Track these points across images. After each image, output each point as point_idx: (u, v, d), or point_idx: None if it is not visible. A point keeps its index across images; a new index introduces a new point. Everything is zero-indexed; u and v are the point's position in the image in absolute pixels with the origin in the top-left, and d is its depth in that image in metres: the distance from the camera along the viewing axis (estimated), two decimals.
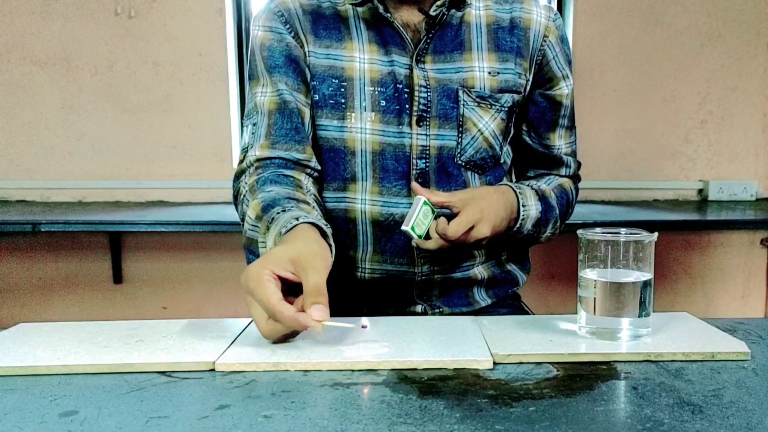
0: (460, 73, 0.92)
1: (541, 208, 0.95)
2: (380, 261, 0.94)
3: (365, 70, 0.91)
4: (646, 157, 2.44)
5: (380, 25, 0.92)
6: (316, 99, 0.93)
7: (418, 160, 0.92)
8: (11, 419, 0.50)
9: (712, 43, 2.39)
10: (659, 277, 2.46)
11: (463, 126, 0.93)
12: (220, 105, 2.31)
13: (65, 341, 0.68)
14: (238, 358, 0.62)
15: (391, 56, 0.92)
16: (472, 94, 0.92)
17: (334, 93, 0.92)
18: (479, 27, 0.95)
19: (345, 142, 0.92)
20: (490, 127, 0.94)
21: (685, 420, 0.49)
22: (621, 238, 0.66)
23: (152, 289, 2.32)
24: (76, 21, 2.26)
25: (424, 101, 0.91)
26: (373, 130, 0.91)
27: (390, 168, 0.92)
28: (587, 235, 0.68)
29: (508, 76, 0.94)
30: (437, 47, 0.93)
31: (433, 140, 0.92)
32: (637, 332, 0.67)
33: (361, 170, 0.92)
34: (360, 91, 0.91)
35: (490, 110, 0.94)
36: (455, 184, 0.94)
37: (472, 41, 0.94)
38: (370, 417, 0.50)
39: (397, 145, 0.92)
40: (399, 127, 0.91)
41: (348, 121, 0.92)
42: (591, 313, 0.67)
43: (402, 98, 0.91)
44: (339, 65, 0.92)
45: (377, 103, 0.91)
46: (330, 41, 0.92)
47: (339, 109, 0.92)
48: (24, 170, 2.32)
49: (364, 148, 0.92)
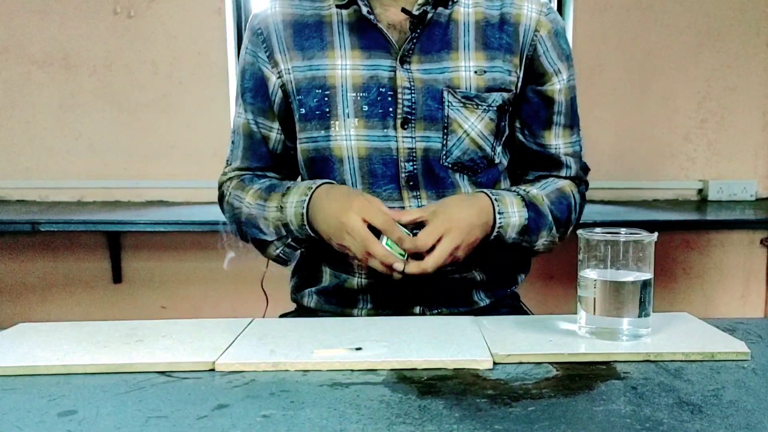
0: (445, 74, 0.91)
1: (526, 215, 0.90)
2: None
3: (347, 76, 0.91)
4: (646, 157, 2.44)
5: (365, 28, 0.91)
6: (303, 112, 0.93)
7: (405, 163, 0.91)
8: (10, 419, 0.50)
9: (711, 42, 2.39)
10: (659, 277, 2.44)
11: (449, 127, 0.91)
12: (219, 104, 2.31)
13: (64, 341, 0.68)
14: (237, 358, 0.62)
15: (374, 59, 0.91)
16: (458, 95, 0.91)
17: (319, 104, 0.92)
18: (467, 25, 0.93)
19: (332, 150, 0.92)
20: (477, 127, 0.92)
21: (684, 420, 0.49)
22: (621, 238, 0.66)
23: (151, 288, 2.31)
24: (74, 20, 2.26)
25: (408, 103, 0.90)
26: (358, 135, 0.91)
27: (379, 173, 0.92)
28: (587, 235, 0.68)
29: (496, 74, 0.92)
30: (424, 47, 0.91)
31: (419, 142, 0.91)
32: (637, 332, 0.67)
33: (350, 177, 0.92)
34: (342, 98, 0.91)
35: (477, 110, 0.92)
36: (444, 187, 0.93)
37: (459, 40, 0.92)
38: (369, 417, 0.50)
39: (384, 149, 0.91)
40: (384, 130, 0.91)
41: (333, 129, 0.92)
42: (591, 313, 0.67)
43: (386, 102, 0.90)
44: (321, 74, 0.92)
45: (360, 109, 0.91)
46: (313, 51, 0.92)
47: (324, 119, 0.92)
48: (23, 170, 2.32)
49: (350, 155, 0.92)
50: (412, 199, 0.92)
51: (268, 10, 0.96)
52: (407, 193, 0.92)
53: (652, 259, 0.67)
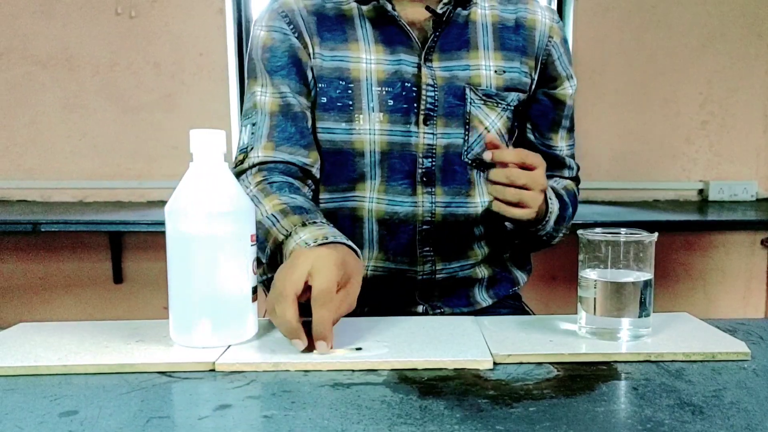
0: (467, 71, 0.93)
1: (559, 204, 0.94)
2: (383, 259, 0.94)
3: (372, 70, 0.91)
4: (647, 158, 2.44)
5: (386, 23, 0.92)
6: (323, 102, 0.92)
7: (424, 159, 0.92)
8: (11, 419, 0.50)
9: (713, 43, 2.39)
10: (660, 277, 2.45)
11: (470, 124, 0.93)
12: (221, 105, 2.32)
13: (65, 341, 0.68)
14: (238, 358, 0.62)
15: (398, 55, 0.91)
16: (479, 92, 0.93)
17: (341, 95, 0.91)
18: (485, 26, 0.95)
19: (353, 144, 0.92)
20: (497, 125, 0.94)
21: (685, 421, 0.49)
22: (621, 239, 0.66)
23: (153, 289, 2.32)
24: (77, 21, 2.26)
25: (431, 100, 0.91)
26: (382, 130, 0.91)
27: (396, 167, 0.92)
28: (587, 235, 0.68)
29: (513, 74, 0.95)
30: (444, 45, 0.93)
31: (439, 139, 0.92)
32: (637, 332, 0.67)
33: (369, 170, 0.92)
34: (367, 92, 0.91)
35: (497, 108, 0.94)
36: (460, 183, 0.94)
37: (478, 40, 0.94)
38: (371, 417, 0.50)
39: (404, 144, 0.92)
40: (406, 126, 0.91)
41: (356, 123, 0.91)
42: (591, 313, 0.67)
43: (409, 97, 0.91)
44: (345, 67, 0.91)
45: (384, 103, 0.91)
46: (335, 43, 0.92)
47: (346, 111, 0.91)
48: (25, 170, 2.32)
49: (373, 148, 0.92)
50: (425, 194, 0.93)
51: None
52: (421, 189, 0.93)
53: (653, 260, 0.67)
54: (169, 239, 0.65)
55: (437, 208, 0.93)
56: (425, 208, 0.93)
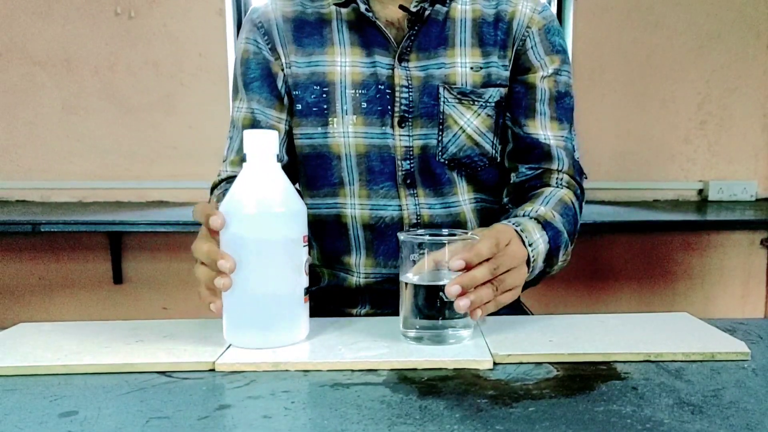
0: (442, 69, 0.91)
1: (548, 237, 0.81)
2: (374, 265, 0.94)
3: (346, 73, 0.91)
4: (646, 158, 2.44)
5: (364, 25, 0.92)
6: (300, 108, 0.93)
7: (402, 161, 0.92)
8: (11, 419, 0.50)
9: (711, 43, 2.39)
10: (659, 277, 2.46)
11: (444, 123, 0.91)
12: (220, 105, 2.32)
13: (65, 341, 0.68)
14: (238, 358, 0.62)
15: (374, 57, 0.91)
16: (453, 91, 0.91)
17: (317, 100, 0.92)
18: (464, 22, 0.93)
19: (329, 147, 0.92)
20: (473, 123, 0.92)
21: (684, 420, 0.49)
22: (442, 240, 0.65)
23: (152, 289, 2.32)
24: (76, 22, 2.26)
25: (406, 102, 0.91)
26: (356, 132, 0.91)
27: (376, 170, 0.92)
28: (405, 237, 0.67)
29: (492, 69, 0.92)
30: (422, 44, 0.92)
31: (416, 140, 0.91)
32: (458, 334, 0.66)
33: (347, 174, 0.93)
34: (341, 95, 0.91)
35: (473, 107, 0.91)
36: (441, 184, 0.93)
37: (456, 37, 0.92)
38: (371, 417, 0.50)
39: (382, 146, 0.91)
40: (382, 128, 0.91)
41: (331, 126, 0.92)
42: (413, 317, 0.67)
43: (384, 99, 0.91)
44: (321, 71, 0.92)
45: (359, 106, 0.91)
46: (313, 48, 0.93)
47: (322, 115, 0.92)
48: (24, 170, 2.32)
49: (348, 152, 0.92)
50: (409, 197, 0.93)
51: (268, 5, 0.96)
52: (404, 191, 0.92)
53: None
54: (222, 240, 0.65)
55: (422, 210, 0.93)
56: (410, 210, 0.93)
